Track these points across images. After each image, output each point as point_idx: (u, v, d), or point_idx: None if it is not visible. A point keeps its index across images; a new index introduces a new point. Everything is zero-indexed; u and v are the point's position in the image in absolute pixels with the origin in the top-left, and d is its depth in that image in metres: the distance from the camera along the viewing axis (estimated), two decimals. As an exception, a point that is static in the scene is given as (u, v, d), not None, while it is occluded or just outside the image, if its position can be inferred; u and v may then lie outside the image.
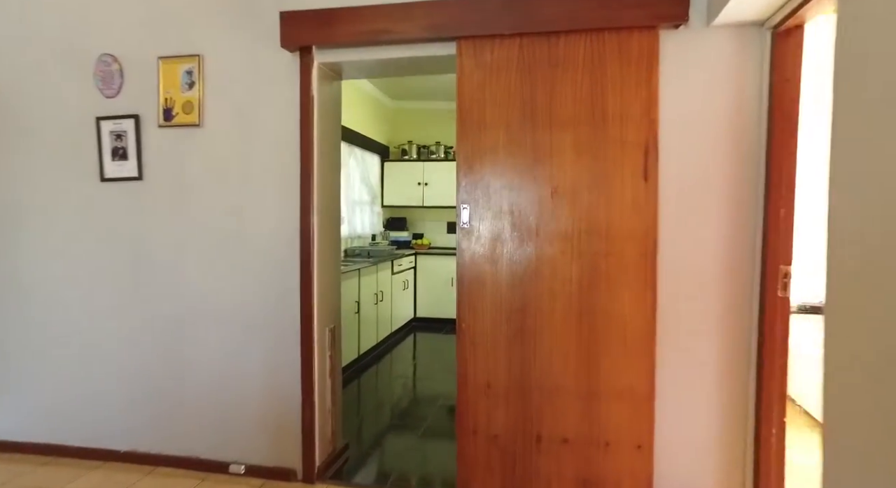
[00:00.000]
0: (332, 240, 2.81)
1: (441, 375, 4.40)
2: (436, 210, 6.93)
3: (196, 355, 2.62)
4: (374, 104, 6.38)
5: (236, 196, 2.54)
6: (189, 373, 2.63)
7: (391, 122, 6.97)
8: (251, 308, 2.58)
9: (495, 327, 2.26)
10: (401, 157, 6.77)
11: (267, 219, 2.54)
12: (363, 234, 6.09)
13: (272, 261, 2.55)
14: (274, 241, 2.54)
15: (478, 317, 2.28)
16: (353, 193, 5.79)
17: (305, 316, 2.53)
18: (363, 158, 6.05)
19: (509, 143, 2.23)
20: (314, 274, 2.52)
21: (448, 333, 6.01)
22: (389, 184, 6.69)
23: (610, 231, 2.16)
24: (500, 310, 2.26)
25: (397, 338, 5.73)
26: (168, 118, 2.54)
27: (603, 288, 2.17)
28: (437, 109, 6.91)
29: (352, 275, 4.41)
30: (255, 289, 2.57)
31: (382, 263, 5.21)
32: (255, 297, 2.57)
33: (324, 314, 2.65)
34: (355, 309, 4.51)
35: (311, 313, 2.53)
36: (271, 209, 2.53)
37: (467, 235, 2.28)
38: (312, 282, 2.52)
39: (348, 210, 5.59)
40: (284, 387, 2.57)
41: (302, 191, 2.49)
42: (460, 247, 2.29)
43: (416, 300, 6.40)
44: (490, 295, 2.26)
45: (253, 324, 2.58)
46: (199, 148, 2.55)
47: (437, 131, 6.89)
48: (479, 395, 2.29)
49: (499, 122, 2.24)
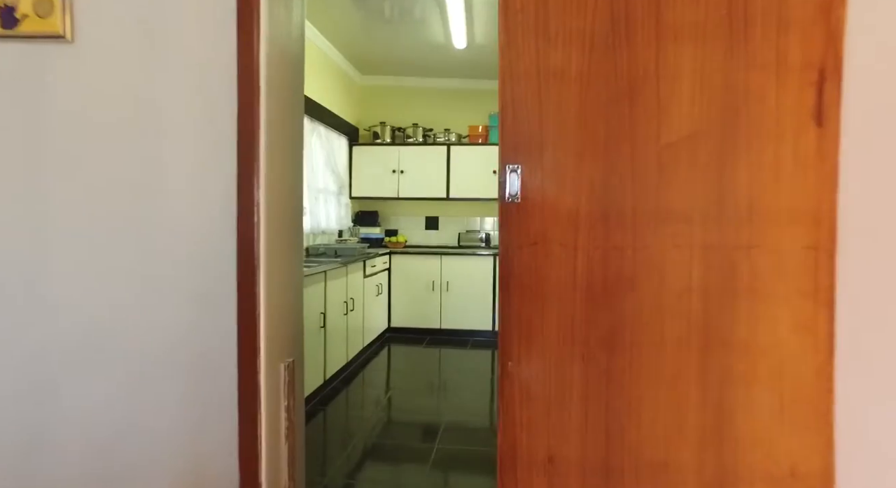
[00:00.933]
0: (291, 232, 1.88)
1: (424, 398, 3.50)
2: (413, 203, 6.02)
3: (65, 411, 1.63)
4: (341, 78, 5.43)
5: (132, 160, 1.58)
6: (53, 441, 1.64)
7: (361, 101, 6.02)
8: (157, 336, 1.61)
9: (564, 368, 1.38)
10: (372, 141, 5.83)
11: (183, 197, 1.58)
12: (329, 230, 5.13)
13: (191, 264, 1.60)
14: (195, 233, 1.59)
15: (535, 350, 1.39)
16: (317, 180, 4.82)
17: (246, 347, 1.59)
18: (328, 138, 5.09)
19: (589, 68, 1.36)
20: (260, 282, 1.58)
21: (429, 346, 5.11)
22: (359, 172, 5.73)
23: (754, 210, 1.31)
24: (571, 339, 1.38)
25: (369, 353, 4.79)
26: (9, 24, 1.54)
27: (742, 304, 1.32)
28: (414, 87, 6.00)
29: (316, 279, 3.47)
30: (165, 307, 1.61)
31: (353, 264, 4.27)
32: (165, 319, 1.61)
33: (277, 342, 1.71)
34: (320, 322, 3.56)
35: (254, 343, 1.59)
36: (191, 182, 1.58)
37: (518, 216, 1.39)
38: (257, 295, 1.57)
39: (311, 200, 4.62)
40: (211, 460, 1.62)
41: (241, 154, 1.55)
42: (505, 235, 1.40)
43: (391, 307, 5.48)
44: (556, 315, 1.38)
45: (160, 362, 1.62)
46: (67, 76, 1.56)
47: (415, 111, 5.98)
48: (536, 476, 1.40)
49: (571, 31, 1.36)
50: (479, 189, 5.60)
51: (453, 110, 5.97)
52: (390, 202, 6.03)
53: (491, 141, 5.67)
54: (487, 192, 5.59)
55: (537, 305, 1.37)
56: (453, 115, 5.95)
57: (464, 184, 5.61)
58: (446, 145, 5.64)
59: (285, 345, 1.78)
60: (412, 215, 6.10)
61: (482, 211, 6.01)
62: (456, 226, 6.06)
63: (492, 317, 5.35)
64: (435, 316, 5.42)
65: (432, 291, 5.41)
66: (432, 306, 5.41)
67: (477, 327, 5.37)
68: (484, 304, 5.35)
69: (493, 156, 5.56)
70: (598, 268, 1.36)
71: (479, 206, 5.99)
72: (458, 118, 5.93)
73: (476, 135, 5.74)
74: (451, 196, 5.65)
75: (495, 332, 5.33)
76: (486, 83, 5.88)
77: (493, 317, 5.34)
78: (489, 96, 5.90)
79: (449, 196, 5.65)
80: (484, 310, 5.35)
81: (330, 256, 4.48)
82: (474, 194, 5.62)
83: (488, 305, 5.34)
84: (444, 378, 4.16)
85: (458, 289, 5.37)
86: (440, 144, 5.67)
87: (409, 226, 6.10)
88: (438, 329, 5.43)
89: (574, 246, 1.36)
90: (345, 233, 5.56)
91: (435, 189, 5.65)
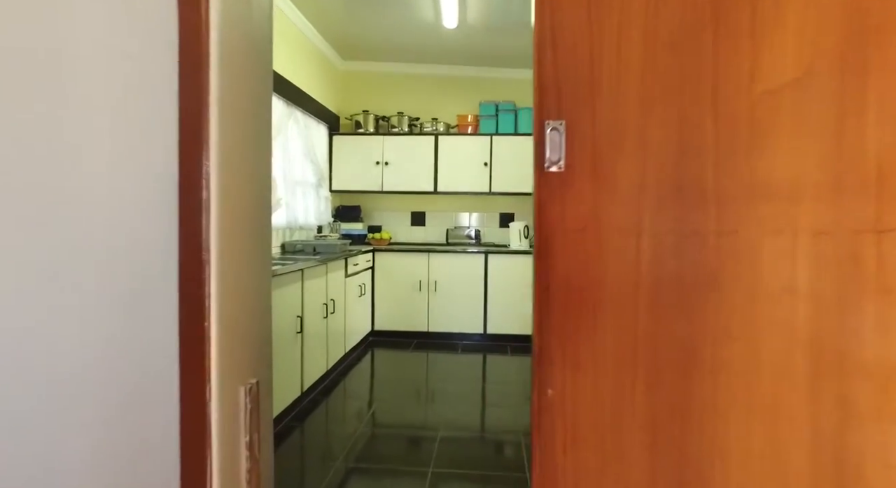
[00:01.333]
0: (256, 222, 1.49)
1: (412, 410, 3.11)
2: (398, 197, 5.62)
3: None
4: (321, 62, 5.01)
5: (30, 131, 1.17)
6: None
7: (342, 88, 5.60)
8: (67, 357, 1.21)
9: (623, 399, 1.01)
10: (354, 131, 5.42)
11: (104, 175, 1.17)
12: (307, 225, 4.71)
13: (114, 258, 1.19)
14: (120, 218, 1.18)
15: (583, 375, 1.02)
16: (294, 171, 4.41)
17: (190, 367, 1.19)
18: (307, 125, 4.67)
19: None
20: (210, 281, 1.18)
21: (415, 350, 4.73)
22: (340, 164, 5.32)
23: (886, 181, 0.96)
24: (633, 360, 1.00)
25: (351, 359, 4.39)
26: None
27: (869, 310, 0.96)
28: (399, 73, 5.60)
29: (292, 278, 3.06)
30: (76, 318, 1.20)
31: (334, 262, 3.87)
32: (77, 333, 1.20)
33: (235, 358, 1.31)
34: (297, 327, 3.15)
35: (201, 361, 1.19)
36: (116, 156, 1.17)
37: (560, 191, 1.01)
38: (205, 298, 1.17)
39: (287, 191, 4.20)
40: (145, 520, 1.21)
41: (184, 118, 1.15)
42: (543, 218, 1.02)
43: (375, 309, 5.08)
44: (612, 326, 1.00)
45: (70, 390, 1.21)
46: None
47: (400, 99, 5.59)
48: (580, 547, 1.03)
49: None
50: (469, 182, 5.23)
51: (441, 98, 5.59)
52: (373, 196, 5.63)
53: (481, 131, 5.31)
54: (477, 186, 5.23)
55: (587, 313, 1.00)
56: (441, 103, 5.58)
57: (452, 177, 5.24)
58: (434, 135, 5.26)
59: (247, 361, 1.39)
60: (397, 210, 5.71)
61: (472, 206, 5.64)
62: (444, 221, 5.68)
63: (483, 319, 4.98)
64: (422, 318, 5.04)
65: (419, 291, 5.03)
66: (419, 308, 5.03)
67: (467, 330, 5.00)
68: (474, 305, 4.98)
69: (484, 148, 5.20)
70: (669, 262, 0.99)
71: (468, 201, 5.62)
72: (447, 107, 5.55)
73: (465, 125, 5.37)
74: (438, 189, 5.27)
75: (487, 335, 4.97)
76: (476, 70, 5.51)
77: (485, 319, 4.98)
78: (479, 84, 5.53)
79: (437, 190, 5.27)
80: (475, 312, 4.98)
81: (308, 253, 4.07)
82: (463, 188, 5.25)
83: (479, 306, 4.98)
84: (434, 386, 3.78)
85: (446, 290, 5.00)
86: (427, 134, 5.29)
87: (394, 222, 5.71)
88: (426, 332, 5.05)
89: (637, 231, 0.99)
90: (324, 228, 5.14)
91: (421, 182, 5.27)
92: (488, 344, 4.95)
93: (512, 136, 5.22)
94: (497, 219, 5.63)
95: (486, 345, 4.93)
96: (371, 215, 5.70)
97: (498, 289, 4.95)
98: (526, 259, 4.94)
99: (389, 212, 5.70)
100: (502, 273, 4.95)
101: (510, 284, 4.93)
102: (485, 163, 5.21)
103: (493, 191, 5.23)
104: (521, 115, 5.28)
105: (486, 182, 5.22)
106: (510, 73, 5.49)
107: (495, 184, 5.21)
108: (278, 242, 4.11)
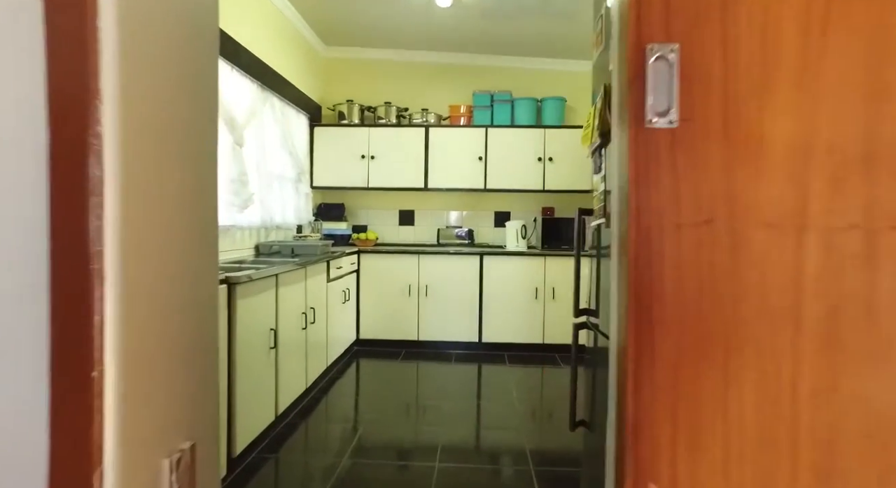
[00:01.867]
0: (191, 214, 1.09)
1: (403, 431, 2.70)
2: (385, 193, 5.22)
3: None
4: (303, 48, 4.59)
5: None
6: None
7: (325, 76, 5.19)
8: None
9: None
10: (337, 122, 5.01)
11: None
12: (284, 224, 4.28)
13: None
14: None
15: (709, 463, 0.63)
16: (271, 163, 3.98)
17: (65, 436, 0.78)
18: (285, 114, 4.24)
19: None
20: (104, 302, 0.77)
21: (404, 360, 4.33)
22: (322, 158, 4.90)
23: None
24: (794, 437, 0.62)
25: (334, 373, 3.97)
26: None
27: None
28: (386, 60, 5.20)
29: (264, 285, 2.64)
30: None
31: (314, 265, 3.45)
32: None
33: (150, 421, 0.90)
34: (270, 342, 2.73)
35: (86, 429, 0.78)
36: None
37: (670, 158, 0.63)
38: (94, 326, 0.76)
39: (262, 186, 3.77)
40: None
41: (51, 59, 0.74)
42: (639, 203, 0.63)
43: (360, 316, 4.66)
44: (755, 381, 0.62)
45: None
46: None
47: (387, 89, 5.19)
48: None
49: None
50: (462, 178, 4.84)
51: (432, 87, 5.20)
52: (358, 193, 5.21)
53: (475, 123, 4.93)
54: (471, 182, 4.84)
55: (715, 359, 0.61)
56: (432, 92, 5.18)
57: (444, 172, 4.85)
58: (424, 127, 4.87)
59: (174, 422, 0.98)
60: (384, 208, 5.30)
61: (465, 203, 5.26)
62: (435, 220, 5.28)
63: (478, 326, 4.59)
64: (411, 325, 4.63)
65: (408, 297, 4.63)
66: (408, 314, 4.63)
67: (460, 338, 4.61)
68: (468, 312, 4.59)
69: (478, 141, 4.82)
70: (852, 277, 0.61)
71: (461, 198, 5.23)
72: (438, 96, 5.16)
73: (458, 116, 4.98)
74: (429, 186, 4.87)
75: (482, 344, 4.59)
76: (470, 57, 5.13)
77: (480, 326, 4.59)
78: (473, 72, 5.15)
79: (427, 186, 4.87)
80: (469, 319, 4.59)
81: (286, 256, 3.66)
82: (456, 184, 4.86)
83: (474, 313, 4.59)
84: (427, 403, 3.38)
85: (438, 294, 4.60)
86: (417, 126, 4.89)
87: (381, 221, 5.30)
88: (416, 341, 4.65)
89: (798, 225, 0.61)
90: (304, 228, 4.72)
91: (410, 178, 4.87)
92: (484, 353, 4.56)
93: (508, 129, 4.84)
94: (492, 217, 5.25)
95: (482, 354, 4.55)
96: (356, 213, 5.28)
97: (493, 293, 4.57)
98: (524, 261, 4.57)
99: (375, 210, 5.29)
100: (498, 276, 4.57)
101: (506, 288, 4.56)
102: (479, 158, 4.83)
103: (488, 188, 4.85)
104: (518, 105, 4.90)
105: (480, 178, 4.84)
106: (507, 61, 5.12)
107: (490, 180, 4.83)
108: (252, 243, 3.69)
